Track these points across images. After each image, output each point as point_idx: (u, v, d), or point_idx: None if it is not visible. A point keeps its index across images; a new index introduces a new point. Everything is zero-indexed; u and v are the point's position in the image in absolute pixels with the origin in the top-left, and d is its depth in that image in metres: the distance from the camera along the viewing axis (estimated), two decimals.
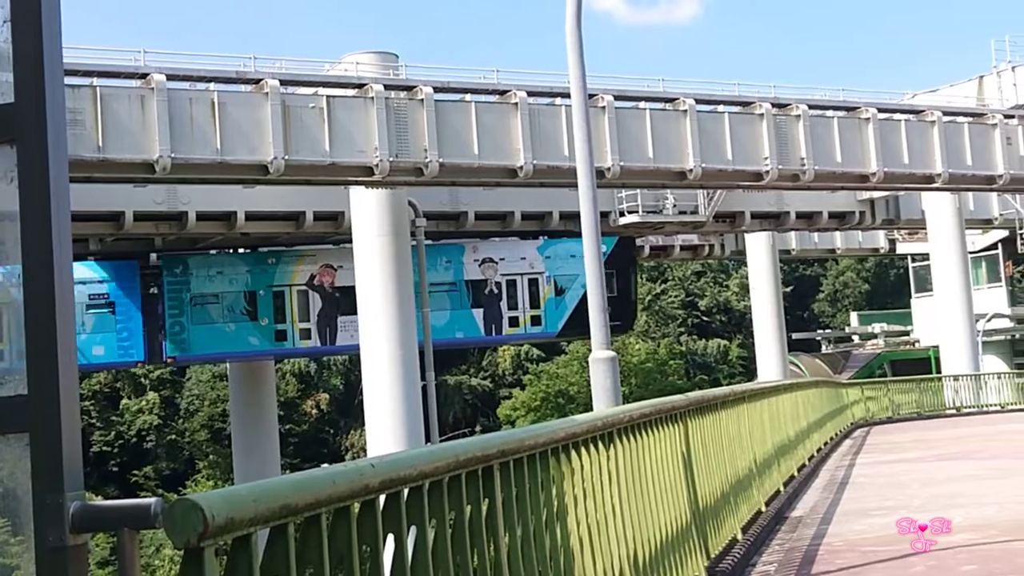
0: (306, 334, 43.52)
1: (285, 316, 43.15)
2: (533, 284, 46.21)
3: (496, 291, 45.51)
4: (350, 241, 36.73)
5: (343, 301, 42.35)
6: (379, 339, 34.74)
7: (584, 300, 48.18)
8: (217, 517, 2.54)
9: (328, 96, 30.68)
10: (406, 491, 3.67)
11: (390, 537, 3.56)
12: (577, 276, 43.88)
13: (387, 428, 34.39)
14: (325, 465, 3.84)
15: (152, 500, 2.73)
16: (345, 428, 77.24)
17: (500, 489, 4.54)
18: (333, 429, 78.62)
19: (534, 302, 46.22)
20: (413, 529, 3.73)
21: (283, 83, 30.20)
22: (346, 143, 30.37)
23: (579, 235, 44.77)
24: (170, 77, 28.92)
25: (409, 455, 3.80)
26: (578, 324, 42.60)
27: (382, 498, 3.48)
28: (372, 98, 30.64)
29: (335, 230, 40.24)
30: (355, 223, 35.96)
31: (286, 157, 29.26)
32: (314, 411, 78.29)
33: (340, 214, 38.71)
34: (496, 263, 45.37)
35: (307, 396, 78.41)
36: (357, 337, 39.86)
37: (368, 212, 35.31)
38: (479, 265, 45.31)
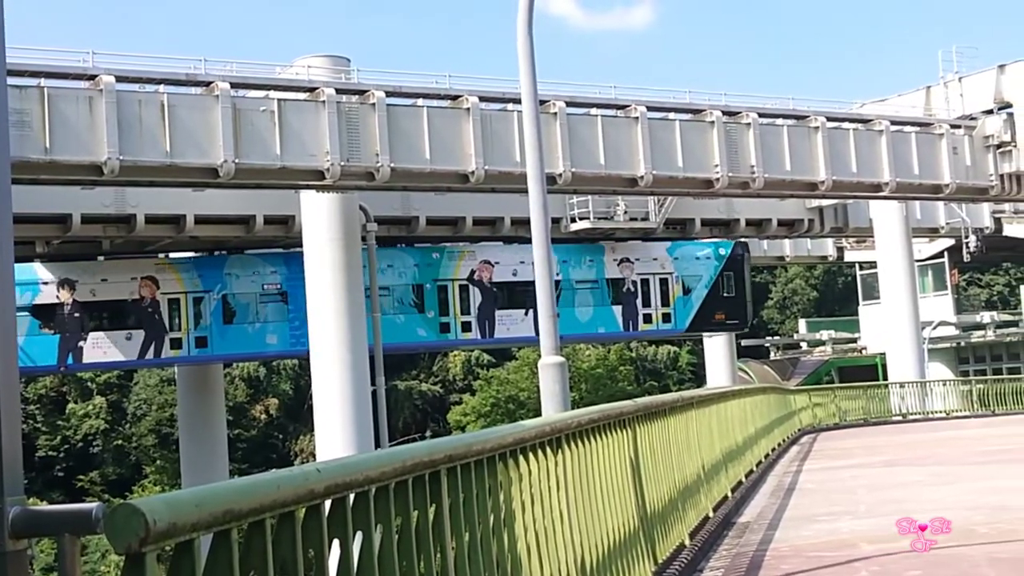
0: (467, 327, 45.78)
1: (448, 309, 45.29)
2: (664, 283, 49.15)
3: (632, 289, 48.19)
4: (300, 245, 36.61)
5: (500, 296, 45.72)
6: (329, 344, 34.62)
7: (708, 298, 49.51)
8: (159, 522, 2.52)
9: (279, 99, 30.53)
10: (352, 496, 3.65)
11: (336, 543, 3.54)
12: (701, 277, 49.59)
13: (337, 433, 34.27)
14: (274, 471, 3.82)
15: (93, 505, 2.70)
16: (295, 433, 76.83)
17: (447, 494, 4.53)
18: (282, 434, 78.18)
19: (664, 300, 49.16)
20: (359, 535, 3.72)
21: (234, 86, 30.03)
22: (297, 147, 30.24)
23: (703, 239, 47.38)
24: (119, 79, 28.65)
25: (355, 460, 3.79)
26: (702, 321, 50.27)
27: (328, 503, 3.47)
28: (323, 102, 30.53)
29: (286, 234, 40.05)
30: (306, 227, 35.82)
31: (236, 160, 29.08)
32: (263, 416, 77.83)
33: (291, 218, 38.52)
34: (632, 263, 47.95)
35: (256, 401, 77.92)
36: (514, 331, 46.14)
37: (319, 216, 35.19)
38: (617, 265, 47.90)
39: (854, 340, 75.48)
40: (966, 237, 54.54)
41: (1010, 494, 13.66)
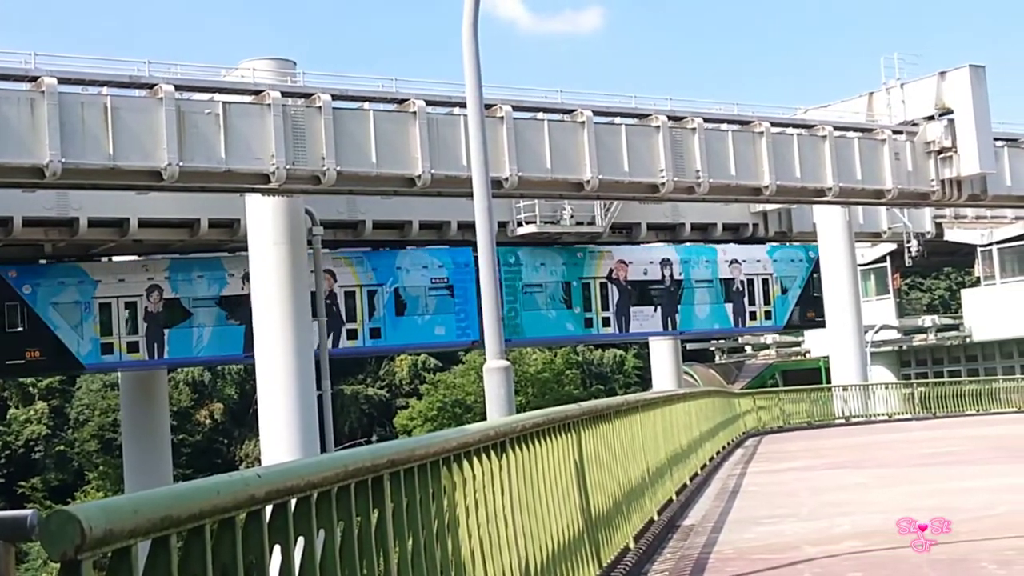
0: (606, 322, 49.10)
1: (591, 305, 48.59)
2: (765, 283, 52.90)
3: (740, 289, 51.55)
4: (246, 248, 36.38)
5: (634, 293, 49.46)
6: (274, 348, 34.42)
7: (801, 297, 52.25)
8: (95, 529, 2.50)
9: (224, 102, 30.30)
10: (293, 502, 3.63)
11: (277, 548, 3.52)
12: (795, 277, 53.34)
13: (282, 438, 34.07)
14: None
15: (28, 512, 2.67)
16: (240, 438, 76.33)
17: (390, 499, 4.51)
18: (227, 439, 77.66)
19: (766, 299, 52.97)
20: (301, 540, 3.70)
21: (178, 88, 29.75)
22: (242, 150, 30.04)
23: (797, 243, 50.35)
24: (61, 80, 28.31)
25: (296, 465, 3.77)
26: (796, 318, 54.06)
27: (269, 509, 3.45)
28: (269, 105, 30.36)
29: (230, 238, 39.78)
30: (251, 231, 35.59)
31: (180, 163, 28.83)
32: (208, 421, 77.26)
33: (236, 221, 38.27)
34: (740, 264, 51.20)
35: (201, 406, 77.34)
36: (646, 326, 50.62)
37: (264, 220, 34.99)
38: (728, 265, 51.16)
39: (798, 344, 76.11)
40: (908, 242, 55.16)
41: (950, 496, 13.82)
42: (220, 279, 41.78)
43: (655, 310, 50.05)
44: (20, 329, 39.21)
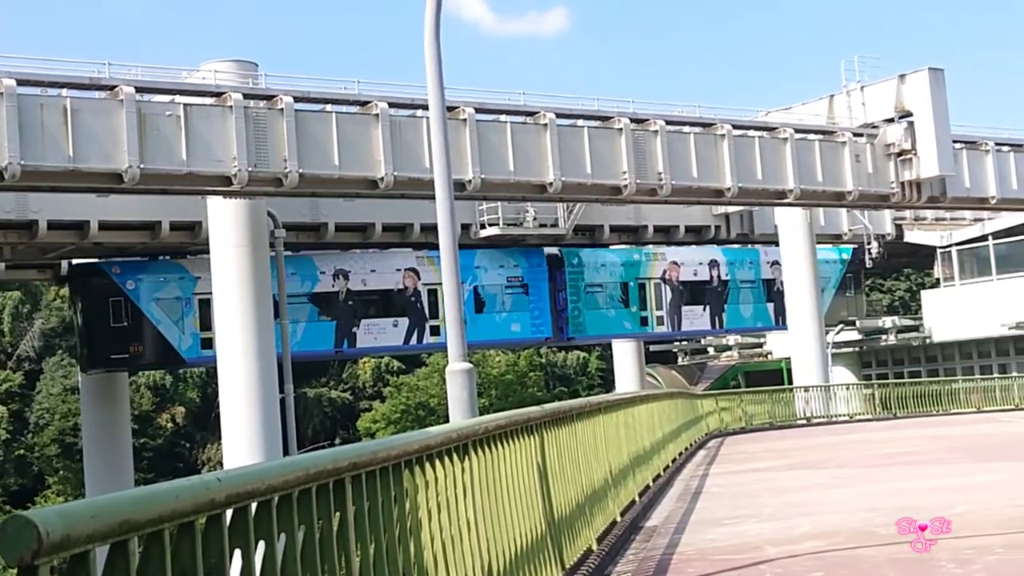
0: (660, 321, 51.98)
1: (646, 304, 51.44)
2: None
3: (781, 289, 52.30)
4: (207, 251, 36.20)
5: (685, 293, 52.32)
6: (236, 351, 34.26)
7: (836, 297, 55.25)
8: (52, 534, 2.48)
9: (185, 104, 30.12)
10: (254, 505, 3.62)
11: (237, 553, 3.51)
12: (830, 278, 55.78)
13: (244, 442, 33.92)
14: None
15: None
16: (202, 442, 75.91)
17: (352, 503, 4.50)
18: (189, 443, 77.21)
19: None
20: (261, 544, 3.69)
21: (139, 90, 29.54)
22: (204, 152, 29.87)
23: (832, 244, 52.31)
24: (20, 82, 28.03)
25: (257, 468, 3.75)
26: (832, 317, 55.39)
27: (229, 513, 3.44)
28: (231, 107, 30.21)
29: (192, 240, 39.59)
30: (212, 233, 35.42)
31: (141, 166, 28.64)
32: (169, 425, 76.78)
33: (198, 224, 38.10)
34: (780, 265, 51.89)
35: (162, 409, 76.86)
36: (696, 324, 53.46)
37: (226, 222, 34.82)
38: (770, 266, 53.17)
39: (760, 345, 76.45)
40: (868, 243, 55.56)
41: (910, 496, 13.92)
42: (312, 276, 43.72)
43: (704, 309, 52.94)
44: (124, 324, 40.74)
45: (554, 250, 48.99)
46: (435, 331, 44.97)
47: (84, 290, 42.39)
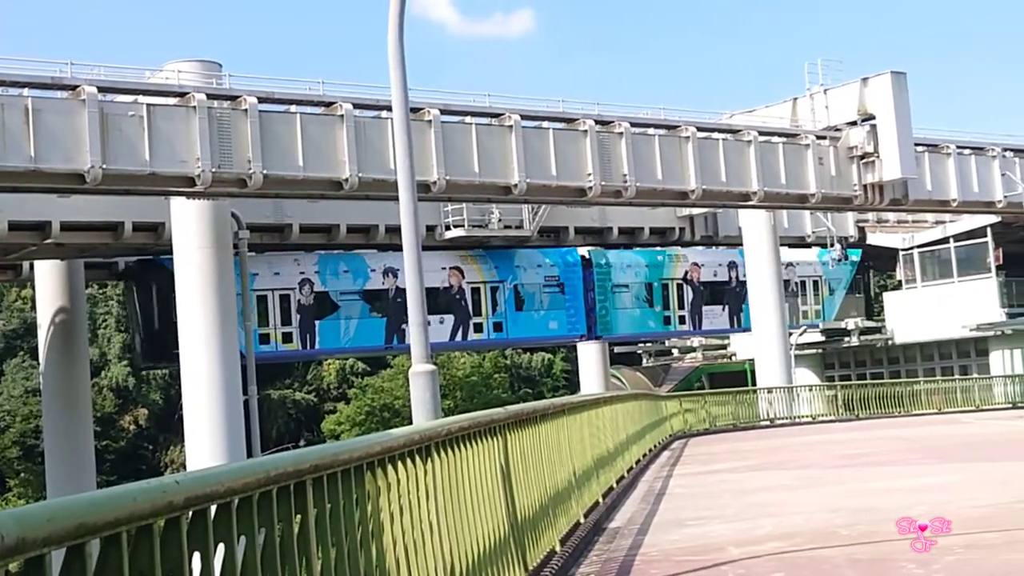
0: (682, 320, 54.13)
1: (669, 304, 53.53)
2: (816, 285, 59.46)
3: (795, 290, 56.62)
4: (171, 252, 36.00)
5: (705, 293, 54.65)
6: (199, 353, 34.10)
7: (846, 297, 59.49)
8: (7, 537, 2.46)
9: (148, 104, 29.94)
10: (213, 508, 3.60)
11: (196, 556, 3.49)
12: (841, 279, 59.65)
13: (207, 444, 33.77)
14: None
15: None
16: (165, 444, 75.50)
17: (313, 505, 4.48)
18: (152, 445, 76.77)
19: (816, 299, 59.49)
20: (221, 547, 3.67)
21: (101, 90, 29.35)
22: (167, 153, 29.71)
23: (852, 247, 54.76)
24: None
25: (216, 471, 3.73)
26: (842, 316, 59.95)
27: (188, 516, 3.42)
28: (194, 107, 30.06)
29: (155, 241, 39.35)
30: (176, 235, 35.24)
31: (104, 166, 28.45)
32: (132, 427, 76.30)
33: (161, 225, 37.86)
34: (795, 267, 55.62)
35: (125, 411, 76.37)
36: (716, 323, 55.72)
37: (189, 223, 34.65)
38: (784, 268, 53.24)
39: (724, 347, 76.69)
40: (831, 245, 55.88)
41: (871, 496, 14.02)
42: (363, 274, 45.46)
43: (723, 309, 55.25)
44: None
45: (584, 251, 50.78)
46: (478, 328, 47.52)
47: (143, 285, 43.29)
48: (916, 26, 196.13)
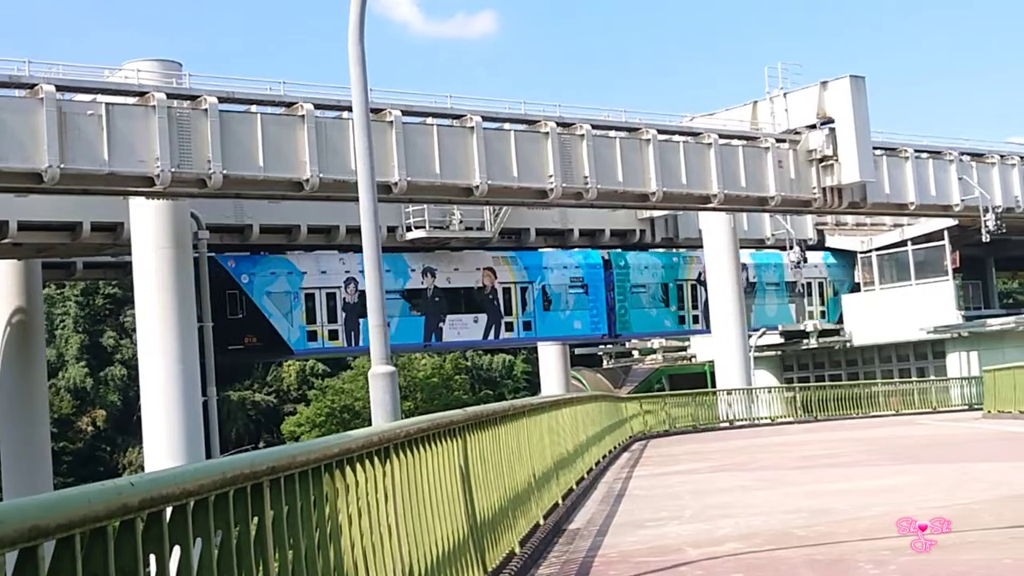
0: (695, 319, 55.60)
1: (684, 304, 55.25)
2: (821, 286, 61.71)
3: (802, 291, 59.57)
4: (129, 252, 35.74)
5: None
6: (157, 354, 33.87)
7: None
8: None
9: (107, 104, 29.72)
10: (169, 510, 3.58)
11: (152, 559, 3.47)
12: (844, 281, 62.22)
13: (166, 445, 33.55)
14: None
15: None
16: (123, 445, 74.93)
17: (270, 507, 4.46)
18: (110, 447, 76.18)
19: (822, 299, 61.79)
20: (177, 550, 3.65)
21: (59, 88, 29.11)
22: (126, 152, 29.50)
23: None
24: None
25: (172, 473, 3.71)
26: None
27: (143, 518, 3.40)
28: (154, 107, 29.86)
29: (114, 241, 39.05)
30: (134, 235, 35.00)
31: (62, 166, 28.22)
32: (90, 428, 75.69)
33: (119, 225, 37.57)
34: (801, 268, 56.50)
35: (83, 413, 75.77)
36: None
37: (148, 223, 34.43)
38: (792, 269, 56.50)
39: (684, 348, 76.98)
40: (790, 248, 56.18)
41: (828, 497, 14.12)
42: (404, 273, 46.96)
43: None
44: (240, 316, 42.97)
45: (605, 252, 52.59)
46: (509, 327, 49.43)
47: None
48: (875, 31, 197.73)
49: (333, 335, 45.21)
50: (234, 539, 4.08)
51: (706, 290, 53.90)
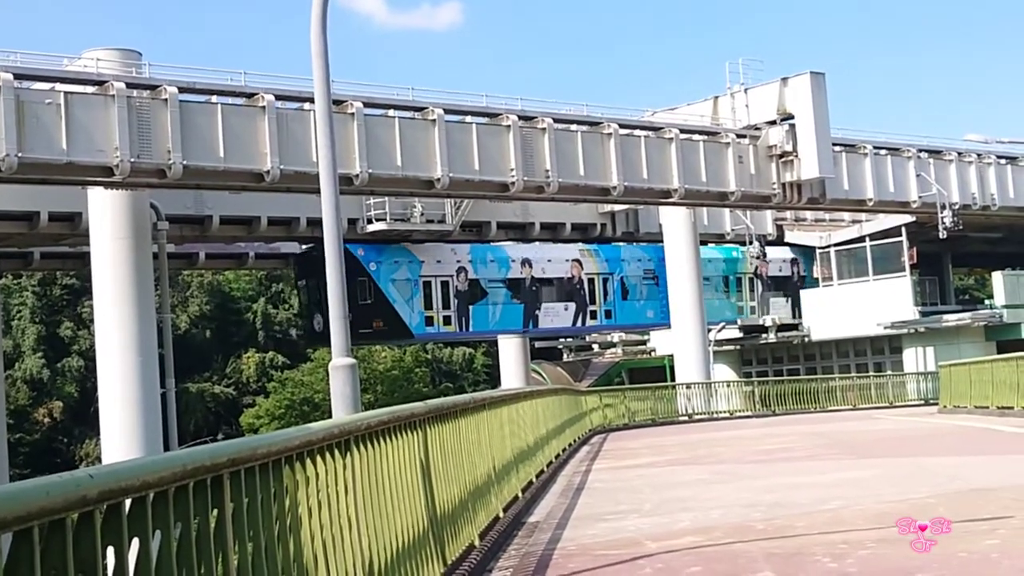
0: (752, 310, 60.43)
1: (742, 295, 60.12)
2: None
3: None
4: (87, 243, 35.45)
5: (771, 286, 61.05)
6: (114, 345, 33.63)
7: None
8: None
9: (66, 92, 29.48)
10: (128, 502, 3.56)
11: (111, 551, 3.45)
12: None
13: (123, 437, 33.33)
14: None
15: None
16: (80, 437, 74.38)
17: (230, 499, 4.44)
18: (67, 438, 75.61)
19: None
20: (136, 542, 3.63)
21: (17, 77, 28.83)
22: (85, 142, 29.28)
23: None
24: None
25: (131, 465, 3.69)
26: None
27: (102, 510, 3.38)
28: (113, 96, 29.64)
29: (72, 231, 38.77)
30: (92, 225, 34.73)
31: (19, 155, 27.96)
32: (47, 420, 75.09)
33: (78, 215, 37.31)
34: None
35: (40, 404, 75.14)
36: (781, 312, 60.75)
37: (106, 214, 34.17)
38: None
39: (644, 342, 77.14)
40: (750, 243, 56.48)
41: (786, 491, 14.19)
42: (506, 263, 51.12)
43: (786, 300, 61.11)
44: (368, 302, 46.59)
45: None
46: (593, 315, 53.60)
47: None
48: (836, 27, 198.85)
49: (447, 320, 49.06)
50: (194, 531, 4.07)
51: (763, 283, 59.78)
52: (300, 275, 50.80)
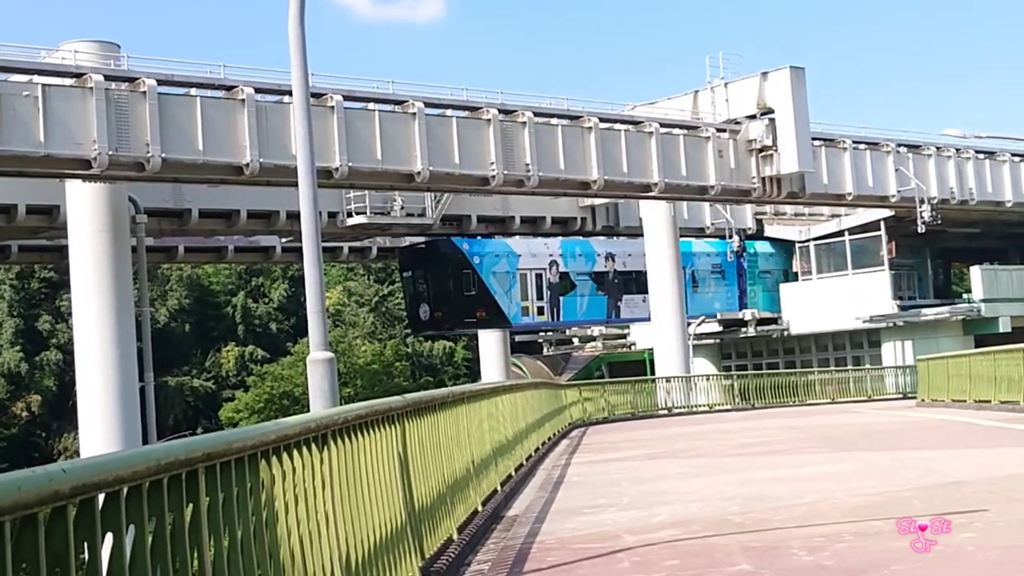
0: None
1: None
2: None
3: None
4: (66, 236, 35.28)
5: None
6: (93, 338, 33.50)
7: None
8: None
9: (44, 85, 29.34)
10: (102, 497, 3.54)
11: (84, 546, 3.43)
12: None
13: (101, 431, 33.22)
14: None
15: None
16: (58, 431, 74.08)
17: (205, 494, 4.42)
18: (45, 432, 75.29)
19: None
20: (109, 537, 3.61)
21: None
22: (62, 134, 29.15)
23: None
24: None
25: (105, 459, 3.67)
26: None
27: (75, 504, 3.36)
28: (91, 88, 29.52)
29: (49, 224, 38.56)
30: (71, 218, 34.57)
31: None
32: (25, 413, 74.75)
33: (55, 208, 37.10)
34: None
35: (17, 397, 74.80)
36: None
37: (85, 207, 34.02)
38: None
39: (624, 336, 77.24)
40: (730, 237, 56.60)
41: (764, 484, 14.24)
42: (592, 257, 54.47)
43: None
44: (472, 293, 49.81)
45: (738, 242, 58.32)
46: None
47: (441, 262, 49.82)
48: (816, 22, 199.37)
49: (540, 311, 52.13)
50: (168, 526, 4.04)
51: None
52: (405, 267, 53.07)
